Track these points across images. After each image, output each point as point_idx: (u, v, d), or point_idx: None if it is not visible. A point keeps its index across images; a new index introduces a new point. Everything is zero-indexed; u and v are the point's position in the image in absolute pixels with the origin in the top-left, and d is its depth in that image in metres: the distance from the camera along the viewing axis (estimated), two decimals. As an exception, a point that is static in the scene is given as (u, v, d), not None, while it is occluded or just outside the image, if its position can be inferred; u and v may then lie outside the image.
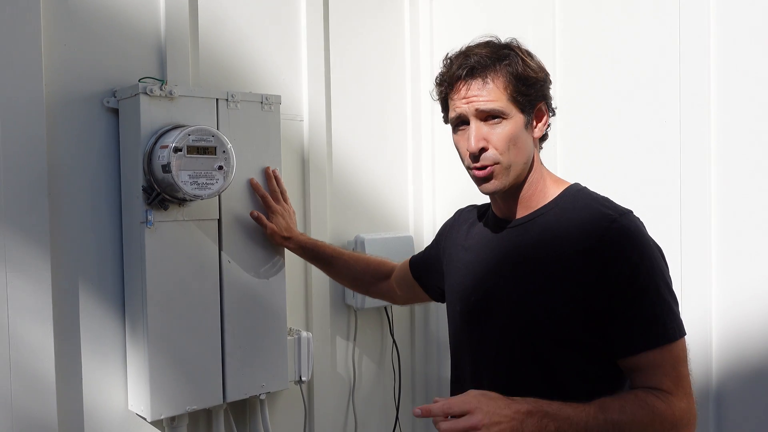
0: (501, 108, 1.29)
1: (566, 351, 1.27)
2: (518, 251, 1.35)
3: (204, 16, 2.01)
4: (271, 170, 1.96)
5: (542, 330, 1.28)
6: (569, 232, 1.28)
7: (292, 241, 1.95)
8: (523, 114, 1.31)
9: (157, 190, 1.73)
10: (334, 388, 2.37)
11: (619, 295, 1.22)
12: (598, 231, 1.24)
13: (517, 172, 1.33)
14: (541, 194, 1.37)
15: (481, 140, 1.30)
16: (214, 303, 1.87)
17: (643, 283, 1.22)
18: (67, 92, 1.76)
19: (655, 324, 1.22)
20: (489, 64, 1.30)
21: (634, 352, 1.22)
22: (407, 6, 2.58)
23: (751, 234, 1.74)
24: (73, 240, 1.77)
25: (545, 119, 1.37)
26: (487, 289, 1.38)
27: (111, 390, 1.85)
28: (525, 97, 1.30)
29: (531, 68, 1.31)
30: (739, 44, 1.76)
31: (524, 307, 1.31)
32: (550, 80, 1.37)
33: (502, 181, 1.32)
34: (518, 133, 1.30)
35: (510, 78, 1.29)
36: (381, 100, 2.51)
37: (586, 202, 1.32)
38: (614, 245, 1.23)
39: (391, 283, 1.88)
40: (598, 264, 1.22)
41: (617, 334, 1.23)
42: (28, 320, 1.66)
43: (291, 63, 2.23)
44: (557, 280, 1.26)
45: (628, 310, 1.22)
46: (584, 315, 1.24)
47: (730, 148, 1.78)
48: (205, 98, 1.84)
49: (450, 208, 2.52)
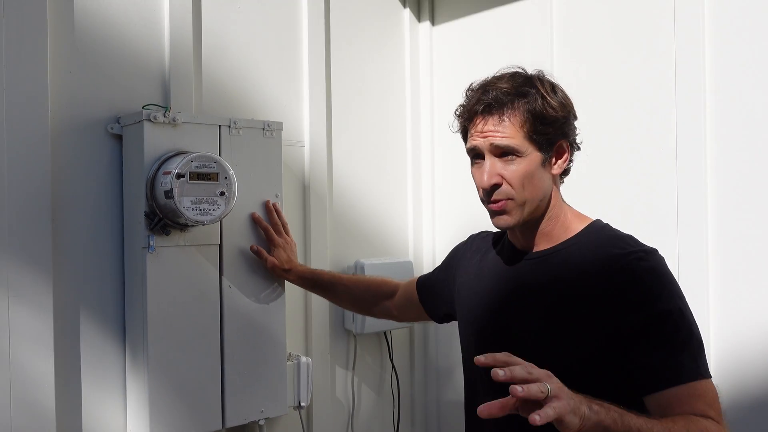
0: (516, 146, 1.27)
1: (589, 388, 1.23)
2: (538, 284, 1.32)
3: (207, 44, 2.05)
4: (271, 203, 1.98)
5: (565, 365, 1.23)
6: (595, 267, 1.26)
7: (292, 273, 1.97)
8: (540, 152, 1.29)
9: (160, 216, 1.74)
10: (334, 414, 2.36)
11: (651, 331, 1.19)
12: (628, 268, 1.22)
13: (531, 208, 1.31)
14: (563, 228, 1.34)
15: (495, 176, 1.28)
16: (215, 328, 1.87)
17: (676, 320, 1.20)
18: (71, 118, 1.79)
19: (689, 359, 1.19)
20: (506, 101, 1.27)
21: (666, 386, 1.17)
22: (408, 34, 2.61)
23: (749, 261, 1.75)
24: (75, 265, 1.79)
25: (566, 156, 1.34)
26: (502, 318, 1.36)
27: (110, 414, 1.84)
28: (542, 135, 1.28)
29: (551, 106, 1.28)
30: (733, 74, 1.79)
31: (546, 341, 1.28)
32: (574, 115, 1.34)
33: (515, 217, 1.30)
34: (533, 171, 1.28)
35: (527, 116, 1.26)
36: (381, 126, 2.54)
37: (611, 239, 1.30)
38: (645, 282, 1.21)
39: (395, 302, 1.87)
40: (626, 301, 1.21)
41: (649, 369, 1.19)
42: (28, 345, 1.66)
43: (292, 90, 2.26)
44: (582, 316, 1.24)
45: (663, 345, 1.19)
46: (608, 350, 1.22)
47: (726, 176, 1.80)
48: (207, 125, 1.86)
49: (450, 234, 2.56)
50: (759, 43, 1.74)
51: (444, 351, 2.59)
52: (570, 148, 1.35)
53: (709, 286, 1.82)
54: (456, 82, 2.60)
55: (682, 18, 1.87)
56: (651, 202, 1.94)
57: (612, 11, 2.06)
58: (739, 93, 1.78)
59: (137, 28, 1.91)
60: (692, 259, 1.84)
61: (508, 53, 2.35)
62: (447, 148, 2.59)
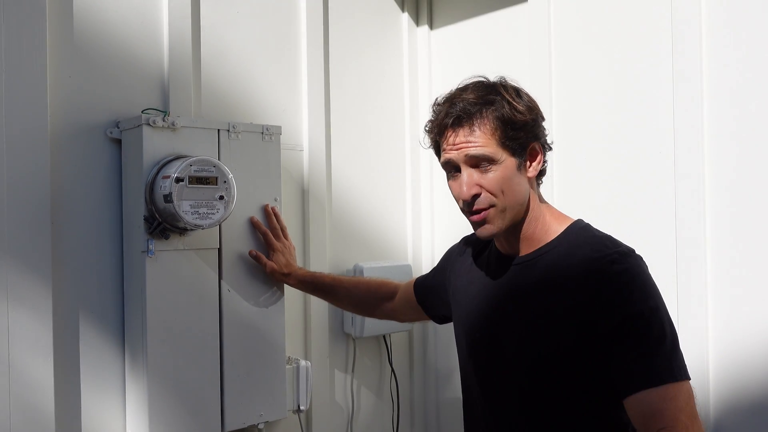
0: (490, 154, 1.28)
1: (572, 391, 1.26)
2: (523, 289, 1.34)
3: (206, 48, 2.05)
4: (270, 207, 1.98)
5: (547, 369, 1.27)
6: (572, 271, 1.26)
7: (291, 277, 1.98)
8: (514, 157, 1.30)
9: (159, 220, 1.74)
10: (333, 418, 2.36)
11: (624, 334, 1.20)
12: (602, 270, 1.23)
13: (512, 214, 1.32)
14: (543, 231, 1.35)
15: (474, 186, 1.30)
16: (214, 332, 1.87)
17: (648, 321, 1.20)
18: (71, 123, 1.79)
19: (660, 363, 1.19)
20: (474, 111, 1.29)
21: (638, 389, 1.18)
22: (406, 38, 2.62)
23: (748, 268, 1.76)
24: (74, 269, 1.79)
25: (540, 158, 1.35)
26: (491, 326, 1.37)
27: (109, 419, 1.85)
28: (515, 140, 1.29)
29: (519, 111, 1.29)
30: (731, 76, 1.79)
31: (529, 345, 1.29)
32: (542, 117, 1.35)
33: (497, 224, 1.31)
34: (511, 176, 1.29)
35: (497, 123, 1.28)
36: (380, 130, 2.54)
37: (589, 240, 1.30)
38: (617, 284, 1.22)
39: (395, 303, 1.88)
40: (600, 303, 1.21)
41: (624, 371, 1.20)
42: (28, 349, 1.66)
43: (291, 94, 2.27)
44: (560, 319, 1.25)
45: (633, 348, 1.19)
46: (588, 353, 1.23)
47: (724, 178, 1.80)
48: (206, 129, 1.87)
49: (448, 237, 2.55)
50: (757, 44, 1.74)
51: (443, 354, 2.60)
52: (542, 149, 1.36)
53: (708, 288, 1.82)
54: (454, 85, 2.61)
55: (679, 21, 1.87)
56: (649, 204, 1.94)
57: (610, 15, 2.06)
58: (736, 95, 1.78)
59: (136, 32, 1.91)
60: (690, 261, 1.84)
61: (506, 57, 2.36)
62: (445, 152, 2.58)
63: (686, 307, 1.83)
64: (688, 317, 1.83)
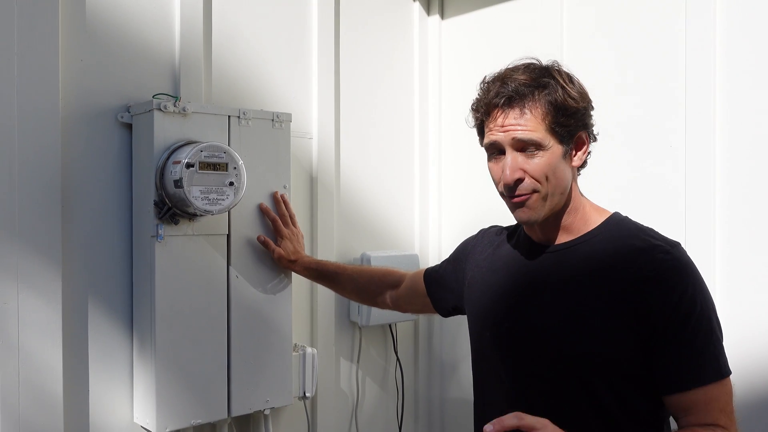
0: (539, 139, 1.23)
1: (615, 382, 1.23)
2: (559, 277, 1.30)
3: (217, 35, 2.05)
4: (279, 195, 1.98)
5: (590, 359, 1.23)
6: (619, 260, 1.24)
7: (298, 264, 1.98)
8: (561, 144, 1.26)
9: (168, 205, 1.75)
10: (338, 405, 2.37)
11: (675, 328, 1.18)
12: (654, 261, 1.20)
13: (554, 202, 1.28)
14: (582, 221, 1.32)
15: (518, 171, 1.25)
16: (221, 318, 1.88)
17: (699, 317, 1.18)
18: (82, 107, 1.79)
19: (712, 358, 1.18)
20: (527, 93, 1.24)
21: (686, 388, 1.18)
22: (417, 28, 2.61)
23: (757, 258, 1.76)
24: (84, 253, 1.80)
25: (585, 148, 1.31)
26: (521, 315, 1.33)
27: (117, 403, 1.86)
28: (564, 127, 1.25)
29: (572, 97, 1.25)
30: (744, 70, 1.78)
31: (567, 335, 1.25)
32: (592, 106, 1.31)
33: (537, 211, 1.27)
34: (556, 164, 1.25)
35: (549, 108, 1.23)
36: (389, 119, 2.54)
37: (633, 231, 1.28)
38: (671, 277, 1.19)
39: (400, 292, 1.85)
40: (653, 294, 1.19)
41: (671, 367, 1.19)
42: (37, 333, 1.67)
43: (302, 82, 2.26)
44: (606, 309, 1.22)
45: (686, 344, 1.18)
46: (635, 345, 1.20)
47: (734, 173, 1.80)
48: (217, 115, 1.87)
49: (456, 228, 2.56)
50: (770, 40, 1.74)
51: (448, 344, 2.60)
52: (588, 138, 1.32)
53: (716, 283, 1.82)
54: (465, 75, 2.61)
55: (693, 12, 1.86)
56: (658, 198, 1.94)
57: (622, 5, 2.05)
58: (749, 89, 1.77)
59: (148, 17, 1.91)
60: (700, 256, 1.83)
61: (517, 47, 2.32)
62: (454, 142, 2.59)
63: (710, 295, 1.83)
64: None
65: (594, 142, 1.35)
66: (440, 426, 2.62)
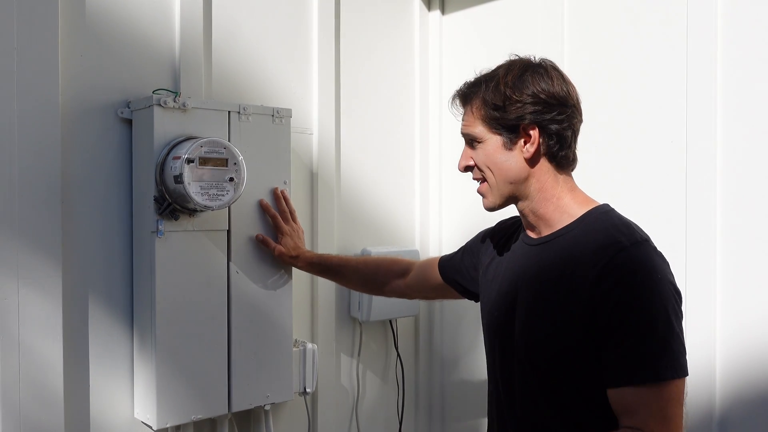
0: (475, 133, 1.36)
1: (570, 375, 1.26)
2: (537, 270, 1.34)
3: (217, 30, 2.04)
4: (279, 191, 1.98)
5: (545, 351, 1.28)
6: (582, 255, 1.26)
7: (299, 260, 1.98)
8: (500, 136, 1.33)
9: (169, 201, 1.75)
10: (338, 400, 2.37)
11: (615, 326, 1.19)
12: (606, 258, 1.22)
13: (505, 190, 1.36)
14: (560, 213, 1.34)
15: (467, 159, 1.40)
16: (222, 313, 1.88)
17: (638, 316, 1.19)
18: (82, 102, 1.79)
19: (644, 360, 1.18)
20: (469, 92, 1.38)
21: (618, 385, 1.20)
22: (417, 23, 2.61)
23: (757, 257, 1.75)
24: (84, 249, 1.79)
25: (535, 140, 1.31)
26: (507, 305, 1.39)
27: (118, 398, 1.86)
28: (496, 119, 1.33)
29: (503, 92, 1.30)
30: (745, 65, 1.78)
31: (533, 326, 1.31)
32: (546, 101, 1.30)
33: (491, 199, 1.38)
34: (495, 154, 1.34)
35: (482, 103, 1.34)
36: (390, 115, 2.54)
37: (605, 226, 1.29)
38: (617, 274, 1.20)
39: (408, 281, 1.87)
40: (600, 291, 1.20)
41: (607, 364, 1.21)
42: (37, 329, 1.67)
43: (302, 77, 2.26)
44: (564, 303, 1.25)
45: (620, 342, 1.19)
46: (584, 341, 1.22)
47: (736, 169, 1.79)
48: (217, 110, 1.87)
49: (457, 223, 2.56)
50: (772, 35, 1.73)
51: (449, 340, 2.60)
52: (543, 132, 1.31)
53: (717, 279, 1.81)
54: (465, 71, 2.58)
55: (694, 8, 1.86)
56: (659, 194, 1.94)
57: (623, 1, 2.04)
58: (750, 85, 1.77)
59: (148, 12, 1.90)
60: (700, 252, 1.84)
61: (518, 42, 2.33)
62: (455, 138, 2.57)
63: (694, 299, 1.83)
64: (696, 308, 1.83)
65: (559, 136, 1.32)
66: (441, 421, 2.62)
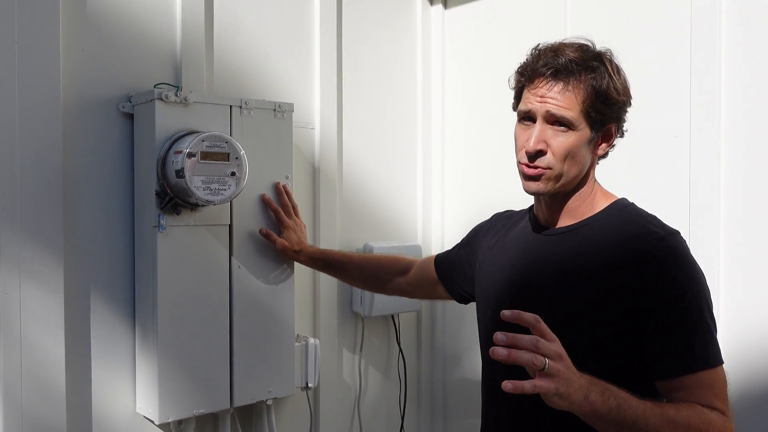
0: (572, 118, 1.25)
1: (601, 366, 1.21)
2: (558, 260, 1.32)
3: (219, 24, 2.03)
4: (281, 185, 1.98)
5: (579, 343, 1.22)
6: (615, 246, 1.25)
7: (302, 254, 1.98)
8: (591, 130, 1.28)
9: (170, 195, 1.74)
10: (340, 395, 2.37)
11: (662, 315, 1.18)
12: (645, 247, 1.21)
13: (565, 182, 1.30)
14: (588, 206, 1.34)
15: (541, 143, 1.27)
16: (224, 308, 1.88)
17: (688, 305, 1.19)
18: (83, 96, 1.78)
19: (701, 347, 1.18)
20: (574, 71, 1.25)
21: (676, 375, 1.18)
22: (420, 17, 2.60)
23: (762, 250, 1.75)
24: (85, 244, 1.79)
25: (612, 140, 1.33)
26: (522, 296, 1.34)
27: (120, 393, 1.86)
28: (600, 114, 1.27)
29: (615, 88, 1.26)
30: (749, 60, 1.77)
31: (561, 318, 1.23)
32: (630, 104, 1.32)
33: (546, 185, 1.29)
34: (579, 147, 1.27)
35: (591, 91, 1.25)
36: (392, 109, 2.53)
37: (634, 217, 1.28)
38: (661, 263, 1.19)
39: (409, 279, 1.86)
40: (642, 281, 1.19)
41: (659, 354, 1.19)
42: (39, 324, 1.67)
43: (304, 71, 2.25)
44: (598, 295, 1.23)
45: (671, 331, 1.18)
46: (622, 331, 1.21)
47: (739, 164, 1.79)
48: (219, 105, 1.86)
49: (459, 218, 2.55)
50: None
51: (451, 335, 2.60)
52: (617, 132, 1.34)
53: (720, 274, 1.81)
54: (467, 65, 2.59)
55: (699, 7, 1.85)
56: (663, 189, 1.93)
57: (627, -4, 2.04)
58: (754, 80, 1.76)
59: (149, 6, 1.90)
60: (704, 247, 1.83)
61: (520, 37, 2.33)
62: (457, 132, 2.58)
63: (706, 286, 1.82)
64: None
65: (621, 137, 1.36)
66: (443, 416, 2.62)
